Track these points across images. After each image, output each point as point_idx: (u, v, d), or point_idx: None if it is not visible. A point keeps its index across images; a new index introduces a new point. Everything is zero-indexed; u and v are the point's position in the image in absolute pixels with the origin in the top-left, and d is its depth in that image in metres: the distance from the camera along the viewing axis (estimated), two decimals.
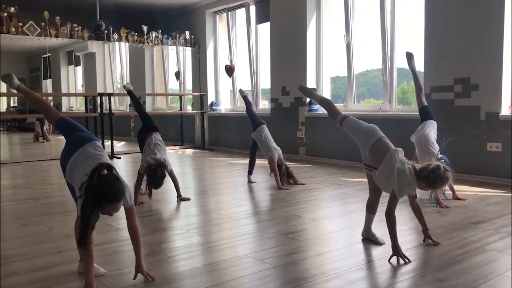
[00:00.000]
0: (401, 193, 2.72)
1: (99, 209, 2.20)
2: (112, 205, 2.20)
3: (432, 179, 2.68)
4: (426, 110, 4.45)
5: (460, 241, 3.04)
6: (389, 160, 2.75)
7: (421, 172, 2.70)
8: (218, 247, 3.05)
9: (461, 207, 4.01)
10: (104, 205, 2.18)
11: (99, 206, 2.18)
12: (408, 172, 2.70)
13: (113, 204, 2.19)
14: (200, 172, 6.58)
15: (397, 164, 2.71)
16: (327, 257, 2.80)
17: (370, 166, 2.98)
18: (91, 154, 2.36)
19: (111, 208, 2.20)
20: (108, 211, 2.21)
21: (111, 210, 2.21)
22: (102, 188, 2.16)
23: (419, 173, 2.71)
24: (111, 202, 2.19)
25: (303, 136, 7.50)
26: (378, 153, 2.85)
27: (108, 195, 2.17)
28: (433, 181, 2.69)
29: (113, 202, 2.19)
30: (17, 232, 3.48)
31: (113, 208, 2.21)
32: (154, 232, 3.42)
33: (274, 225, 3.55)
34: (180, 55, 10.21)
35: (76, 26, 8.24)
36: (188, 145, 9.70)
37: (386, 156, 2.77)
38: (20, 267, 2.66)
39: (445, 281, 2.37)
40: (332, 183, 5.28)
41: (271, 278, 2.47)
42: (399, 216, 3.82)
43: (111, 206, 2.20)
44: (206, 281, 2.43)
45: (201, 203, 4.50)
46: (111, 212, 2.22)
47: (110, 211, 2.21)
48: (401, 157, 2.77)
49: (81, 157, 2.38)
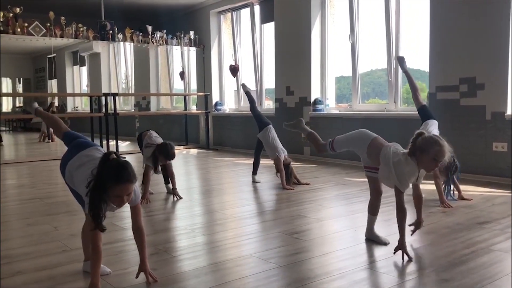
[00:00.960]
0: (402, 185, 2.70)
1: (108, 195, 2.14)
2: (124, 186, 2.12)
3: (426, 145, 2.59)
4: (425, 109, 4.43)
5: (466, 241, 3.02)
6: (384, 158, 2.76)
7: (415, 149, 2.64)
8: (222, 246, 3.05)
9: (466, 207, 3.99)
10: (115, 188, 2.11)
11: (110, 188, 2.11)
12: (404, 160, 2.68)
13: (126, 184, 2.12)
14: (205, 172, 6.58)
15: (391, 159, 2.71)
16: (331, 257, 2.79)
17: (370, 168, 2.98)
18: (96, 156, 2.37)
19: (122, 190, 2.12)
20: (118, 195, 2.13)
21: (122, 194, 2.13)
22: (115, 168, 2.13)
23: (414, 150, 2.65)
24: (125, 182, 2.12)
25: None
26: (374, 153, 2.85)
27: (123, 173, 2.12)
28: (429, 146, 2.58)
29: (127, 181, 2.13)
30: (22, 231, 3.50)
31: (124, 191, 2.13)
32: (159, 231, 3.43)
33: (279, 225, 3.55)
34: (185, 55, 10.23)
35: (81, 27, 8.27)
36: (193, 145, 9.72)
37: (381, 155, 2.78)
38: (26, 266, 2.67)
39: (451, 282, 2.36)
40: (336, 183, 5.27)
41: (276, 278, 2.47)
42: None
43: (122, 188, 2.12)
44: (211, 281, 2.43)
45: (205, 203, 4.51)
46: (122, 196, 2.14)
47: (121, 195, 2.13)
48: (394, 150, 2.76)
49: (85, 158, 2.39)
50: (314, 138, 3.32)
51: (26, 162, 7.53)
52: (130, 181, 2.15)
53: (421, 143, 2.63)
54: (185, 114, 9.84)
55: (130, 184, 2.15)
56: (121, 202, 2.18)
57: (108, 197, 2.17)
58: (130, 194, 2.20)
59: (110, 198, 2.17)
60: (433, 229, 3.34)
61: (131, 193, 2.20)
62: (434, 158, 2.60)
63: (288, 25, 7.70)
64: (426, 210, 3.93)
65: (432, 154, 2.59)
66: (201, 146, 9.66)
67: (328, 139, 3.16)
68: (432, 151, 2.59)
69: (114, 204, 2.22)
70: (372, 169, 2.95)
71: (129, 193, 2.18)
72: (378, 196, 3.07)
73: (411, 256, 2.69)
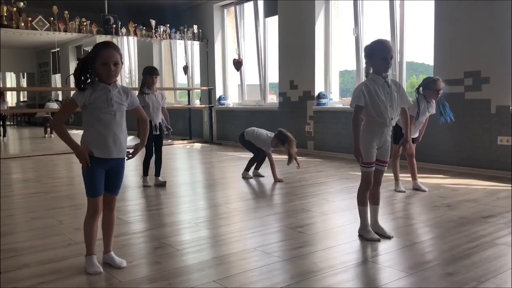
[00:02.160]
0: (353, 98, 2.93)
1: (97, 69, 2.36)
2: (110, 51, 2.35)
3: (371, 49, 2.87)
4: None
5: (470, 235, 3.02)
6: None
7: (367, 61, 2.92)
8: (226, 240, 3.06)
9: (470, 201, 3.98)
10: (103, 53, 2.33)
11: (98, 57, 2.33)
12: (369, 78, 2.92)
13: (111, 49, 2.36)
14: (208, 166, 6.59)
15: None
16: (335, 250, 2.80)
17: (379, 161, 2.98)
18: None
19: (109, 56, 2.33)
20: (106, 61, 2.33)
21: (109, 60, 2.33)
22: (103, 41, 2.43)
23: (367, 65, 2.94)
24: (111, 47, 2.38)
25: (311, 130, 7.48)
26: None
27: (109, 42, 2.44)
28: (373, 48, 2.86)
29: (112, 47, 2.38)
30: (28, 225, 3.51)
31: (110, 57, 2.34)
32: (163, 225, 3.44)
33: (283, 219, 3.55)
34: (188, 49, 10.21)
35: (85, 21, 8.27)
36: (196, 139, 9.72)
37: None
38: (31, 259, 2.69)
39: (455, 275, 2.36)
40: (340, 177, 5.27)
41: (280, 271, 2.48)
42: (407, 210, 3.82)
43: (109, 52, 2.34)
44: (215, 274, 2.44)
45: (209, 197, 4.51)
46: (109, 63, 2.33)
47: (108, 61, 2.33)
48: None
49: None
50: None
51: (31, 157, 7.56)
52: (115, 48, 2.39)
53: (366, 51, 2.89)
54: (189, 108, 9.85)
55: (115, 50, 2.38)
56: (109, 71, 2.35)
57: (96, 70, 2.36)
58: (117, 65, 2.38)
59: (99, 69, 2.35)
60: (437, 223, 3.34)
61: (118, 64, 2.38)
62: (383, 57, 2.81)
63: (292, 18, 7.67)
64: (430, 204, 3.93)
65: (379, 54, 2.82)
66: (204, 140, 9.66)
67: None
68: (377, 51, 2.82)
69: (103, 76, 2.37)
70: (382, 163, 3.00)
71: (116, 62, 2.36)
72: (378, 186, 3.05)
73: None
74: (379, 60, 2.84)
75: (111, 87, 2.43)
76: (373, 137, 2.91)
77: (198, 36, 9.58)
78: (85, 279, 2.39)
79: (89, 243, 2.50)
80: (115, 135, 2.44)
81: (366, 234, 2.96)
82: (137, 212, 3.97)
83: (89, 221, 2.49)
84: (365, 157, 2.90)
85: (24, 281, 2.38)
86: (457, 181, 4.92)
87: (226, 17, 9.45)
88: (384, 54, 2.82)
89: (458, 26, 5.46)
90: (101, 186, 2.47)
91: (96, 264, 2.47)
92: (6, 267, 2.57)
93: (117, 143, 2.45)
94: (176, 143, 9.31)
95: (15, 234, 3.28)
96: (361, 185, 3.01)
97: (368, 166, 2.94)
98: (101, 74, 2.38)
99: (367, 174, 2.96)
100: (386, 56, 2.82)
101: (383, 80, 2.88)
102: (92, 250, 2.50)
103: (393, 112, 2.91)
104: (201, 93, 10.12)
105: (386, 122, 2.88)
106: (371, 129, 2.91)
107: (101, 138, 2.42)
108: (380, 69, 2.86)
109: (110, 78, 2.40)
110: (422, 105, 4.23)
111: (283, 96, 7.98)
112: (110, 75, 2.38)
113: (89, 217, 2.49)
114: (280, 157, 6.99)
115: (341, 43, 7.44)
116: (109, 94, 2.41)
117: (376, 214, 3.08)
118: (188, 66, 10.31)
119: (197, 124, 9.94)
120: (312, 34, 7.34)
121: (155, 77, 4.81)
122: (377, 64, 2.86)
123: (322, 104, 7.30)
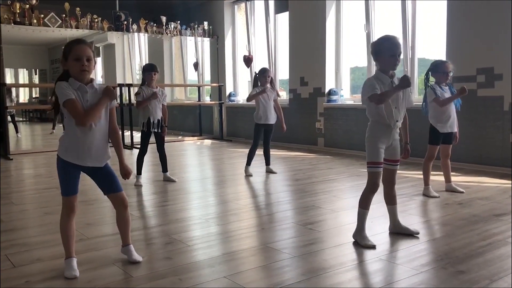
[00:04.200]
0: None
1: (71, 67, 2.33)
2: (82, 46, 2.33)
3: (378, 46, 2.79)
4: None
5: (482, 233, 2.99)
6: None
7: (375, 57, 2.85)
8: (237, 236, 3.07)
9: (483, 199, 3.95)
10: (75, 49, 2.31)
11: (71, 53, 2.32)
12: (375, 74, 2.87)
13: (83, 44, 2.34)
14: (219, 162, 6.60)
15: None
16: (346, 248, 2.79)
17: (386, 160, 2.91)
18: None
19: (81, 50, 2.31)
20: (78, 57, 2.30)
21: (82, 55, 2.31)
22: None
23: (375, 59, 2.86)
24: (82, 43, 2.35)
25: (321, 127, 7.45)
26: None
27: (80, 39, 2.41)
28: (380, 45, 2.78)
29: (83, 43, 2.35)
30: (40, 220, 3.55)
31: (83, 51, 2.31)
32: (173, 221, 3.45)
33: (293, 216, 3.55)
34: (199, 45, 10.22)
35: (96, 18, 8.32)
36: (207, 136, 9.74)
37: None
38: (44, 254, 2.72)
39: (467, 273, 2.34)
40: (351, 174, 5.24)
41: (290, 268, 2.47)
42: (418, 208, 3.79)
43: (81, 48, 2.32)
44: (225, 270, 2.44)
45: (219, 193, 4.52)
46: (82, 58, 2.30)
47: (81, 56, 2.30)
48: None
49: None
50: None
51: (43, 152, 7.63)
52: (86, 44, 2.37)
53: (373, 48, 2.81)
54: (199, 105, 9.86)
55: (87, 47, 2.35)
56: (82, 66, 2.31)
57: (70, 67, 2.33)
58: (90, 61, 2.34)
59: (72, 66, 2.32)
60: (449, 221, 3.31)
61: (90, 60, 2.34)
62: (391, 54, 2.74)
63: (303, 14, 7.64)
64: (442, 202, 3.89)
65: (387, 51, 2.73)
66: (214, 137, 9.68)
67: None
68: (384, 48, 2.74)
69: (76, 73, 2.32)
70: (393, 162, 2.93)
71: (88, 58, 2.33)
72: (393, 186, 3.01)
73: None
74: (387, 57, 2.74)
75: (88, 87, 2.35)
76: (380, 137, 2.82)
77: (208, 33, 9.58)
78: (97, 274, 2.41)
79: (67, 245, 2.45)
80: (91, 143, 2.36)
81: (361, 240, 2.81)
82: (148, 208, 3.99)
83: (64, 221, 2.45)
84: (372, 156, 2.81)
85: (36, 275, 2.41)
86: (469, 178, 4.87)
87: (236, 13, 9.44)
88: (393, 51, 2.72)
89: (471, 22, 5.39)
90: (75, 185, 2.43)
91: (74, 268, 2.40)
92: (19, 261, 2.60)
93: (93, 151, 2.38)
94: (186, 140, 9.34)
95: (27, 229, 3.32)
96: (367, 187, 2.88)
97: (375, 166, 2.82)
98: (74, 71, 2.33)
99: (374, 175, 2.83)
100: (395, 53, 2.72)
101: (389, 80, 2.79)
102: (70, 252, 2.45)
103: (398, 114, 2.83)
104: (211, 90, 10.13)
105: (391, 124, 2.80)
106: (377, 129, 2.83)
107: (75, 143, 2.36)
108: (389, 66, 2.78)
109: (83, 74, 2.33)
110: (437, 90, 4.01)
111: (293, 92, 7.96)
112: (84, 70, 2.32)
113: (63, 216, 2.45)
114: (290, 154, 6.99)
115: (352, 40, 7.39)
116: (85, 95, 2.34)
117: (396, 214, 3.02)
118: (198, 63, 10.32)
119: (207, 121, 9.95)
120: (323, 30, 7.30)
121: (154, 73, 4.81)
122: (385, 61, 2.76)
123: (332, 101, 7.27)
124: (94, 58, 2.38)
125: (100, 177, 2.49)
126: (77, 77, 2.34)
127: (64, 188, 2.44)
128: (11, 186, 4.87)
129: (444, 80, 4.07)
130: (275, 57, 8.62)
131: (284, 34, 8.25)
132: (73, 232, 2.48)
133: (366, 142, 2.86)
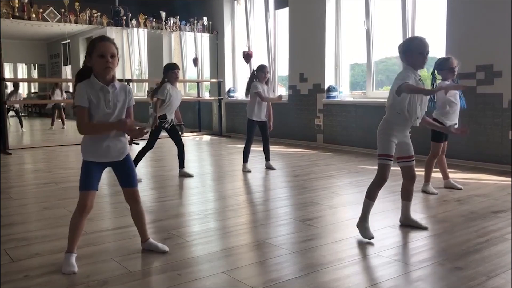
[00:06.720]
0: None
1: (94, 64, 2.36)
2: (107, 44, 2.35)
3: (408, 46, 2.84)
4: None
5: (480, 230, 3.00)
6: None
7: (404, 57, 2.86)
8: (235, 232, 3.07)
9: (481, 196, 3.96)
10: (99, 46, 2.33)
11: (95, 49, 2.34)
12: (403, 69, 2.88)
13: (108, 42, 2.36)
14: (218, 158, 6.61)
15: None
16: (344, 243, 2.80)
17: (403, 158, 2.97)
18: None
19: (105, 47, 2.33)
20: (102, 53, 2.33)
21: (106, 52, 2.33)
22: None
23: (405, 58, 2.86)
24: (107, 40, 2.38)
25: (320, 123, 7.45)
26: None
27: (105, 36, 2.46)
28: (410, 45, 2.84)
29: (108, 40, 2.38)
30: (39, 215, 3.56)
31: (107, 49, 2.33)
32: (172, 217, 3.46)
33: (291, 212, 3.56)
34: (198, 41, 10.20)
35: (95, 12, 8.30)
36: (206, 132, 9.74)
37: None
38: (43, 248, 2.73)
39: (464, 270, 2.35)
40: (349, 171, 5.25)
41: (288, 263, 2.48)
42: (416, 204, 3.79)
43: (106, 45, 2.34)
44: (224, 265, 2.45)
45: (218, 189, 4.53)
46: (106, 55, 2.32)
47: (105, 53, 2.33)
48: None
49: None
50: None
51: (42, 147, 7.63)
52: (110, 41, 2.39)
53: (402, 47, 2.85)
54: (198, 100, 9.86)
55: (111, 44, 2.38)
56: (106, 63, 2.33)
57: (94, 64, 2.35)
58: (114, 58, 2.36)
59: (96, 63, 2.34)
60: (447, 218, 3.32)
61: (114, 56, 2.36)
62: (420, 52, 2.79)
63: (302, 10, 7.62)
64: (440, 198, 3.91)
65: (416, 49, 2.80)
66: (214, 132, 9.68)
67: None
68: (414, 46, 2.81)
69: (100, 69, 2.34)
70: (406, 159, 2.96)
71: (112, 54, 2.35)
72: (413, 182, 3.05)
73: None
74: (416, 55, 2.80)
75: (110, 87, 2.37)
76: (394, 131, 2.85)
77: (208, 28, 9.56)
78: (96, 269, 2.42)
79: (71, 240, 2.46)
80: (110, 141, 2.41)
81: (362, 231, 2.85)
82: (147, 203, 3.99)
83: (76, 217, 2.45)
84: (383, 148, 2.84)
85: (35, 270, 2.41)
86: (468, 175, 4.88)
87: (236, 9, 9.41)
88: (422, 49, 2.80)
89: (471, 19, 5.39)
90: (95, 182, 2.45)
91: (73, 264, 2.39)
92: (18, 256, 2.61)
93: (112, 147, 2.43)
94: (185, 135, 9.32)
95: (27, 224, 3.32)
96: (375, 179, 2.90)
97: (386, 158, 2.84)
98: (98, 67, 2.34)
99: (384, 167, 2.84)
100: (423, 51, 2.80)
101: (419, 77, 2.84)
102: (73, 248, 2.46)
103: (420, 112, 2.87)
104: (211, 86, 10.12)
105: (412, 119, 2.84)
106: (394, 123, 2.85)
107: (97, 141, 2.40)
108: (417, 64, 2.83)
109: (107, 71, 2.35)
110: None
111: (292, 88, 7.96)
112: (108, 67, 2.34)
113: (76, 213, 2.45)
114: (289, 150, 6.99)
115: (352, 36, 7.38)
116: (107, 95, 2.37)
117: (409, 209, 3.09)
118: (197, 58, 10.30)
119: (207, 117, 9.95)
120: (322, 27, 7.29)
121: (178, 71, 4.90)
122: (414, 59, 2.81)
123: (332, 97, 7.26)
124: (118, 55, 2.41)
125: (120, 170, 2.54)
126: (101, 74, 2.37)
127: (82, 183, 2.45)
128: (10, 181, 4.88)
129: (451, 76, 4.11)
130: (275, 53, 8.60)
131: (283, 30, 8.24)
132: (81, 230, 2.50)
133: (379, 135, 2.89)
